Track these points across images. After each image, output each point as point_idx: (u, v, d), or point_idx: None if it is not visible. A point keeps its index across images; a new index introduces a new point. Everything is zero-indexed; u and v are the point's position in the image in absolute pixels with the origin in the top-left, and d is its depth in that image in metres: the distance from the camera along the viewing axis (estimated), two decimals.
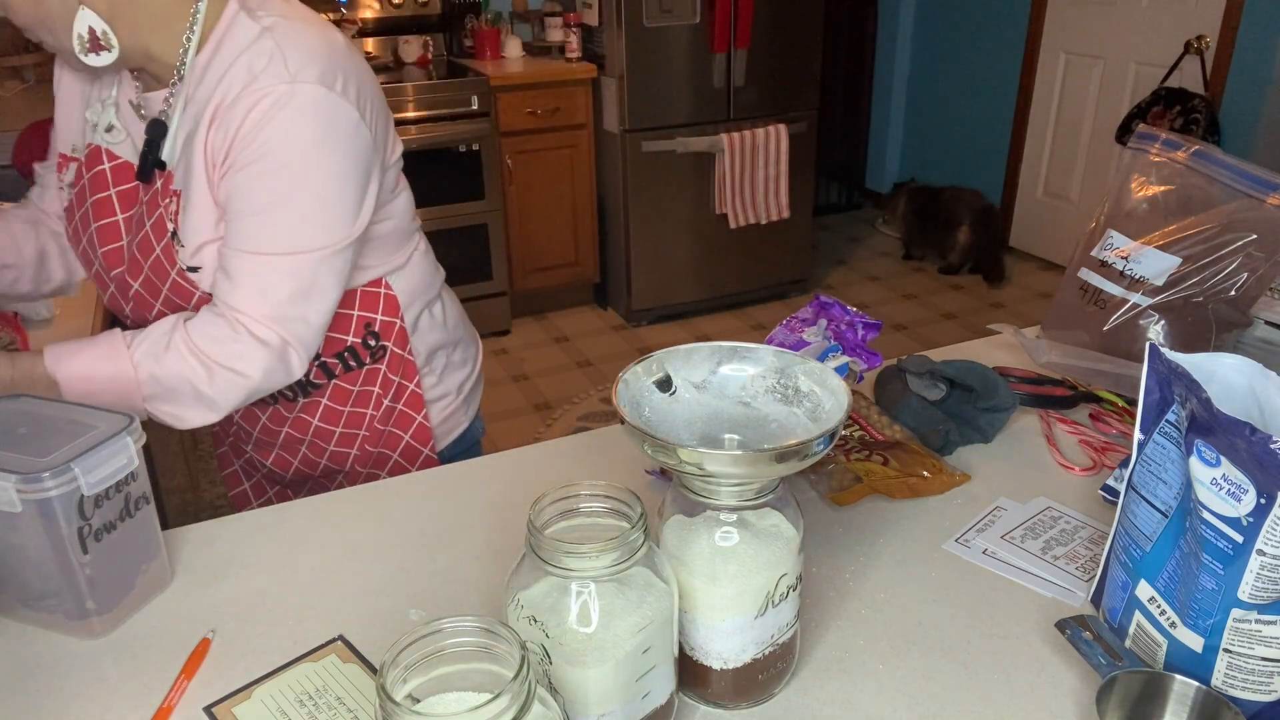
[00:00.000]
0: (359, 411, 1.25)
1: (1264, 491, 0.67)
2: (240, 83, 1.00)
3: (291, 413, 1.23)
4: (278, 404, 1.23)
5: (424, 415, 1.28)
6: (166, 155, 1.07)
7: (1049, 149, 4.41)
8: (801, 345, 1.06)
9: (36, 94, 3.30)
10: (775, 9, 3.72)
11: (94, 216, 1.12)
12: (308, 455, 1.27)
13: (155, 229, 1.08)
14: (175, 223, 1.06)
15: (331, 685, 0.80)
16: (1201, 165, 1.20)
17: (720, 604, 0.73)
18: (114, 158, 1.12)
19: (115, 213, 1.12)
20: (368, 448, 1.27)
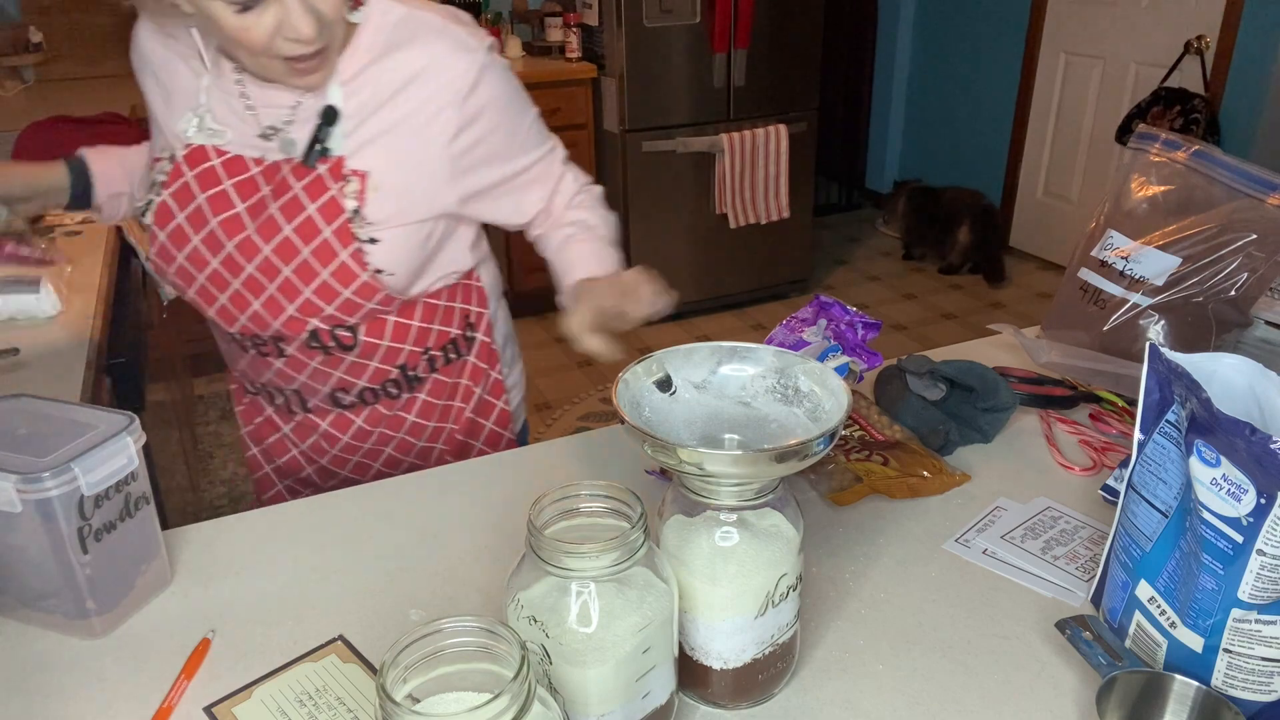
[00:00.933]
0: (451, 404, 1.28)
1: (1264, 491, 0.67)
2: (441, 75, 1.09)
3: (391, 410, 1.24)
4: (378, 403, 1.23)
5: (504, 400, 1.33)
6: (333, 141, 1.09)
7: (1049, 149, 4.41)
8: (801, 345, 1.05)
9: (36, 94, 3.30)
10: (775, 9, 3.72)
11: (211, 211, 1.11)
12: (393, 455, 1.27)
13: (324, 211, 1.09)
14: (360, 200, 1.09)
15: (331, 685, 0.80)
16: (1201, 165, 1.20)
17: (720, 604, 0.73)
18: (221, 153, 1.12)
19: (235, 204, 1.11)
20: (457, 438, 1.29)
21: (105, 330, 1.52)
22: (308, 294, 1.10)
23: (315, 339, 1.14)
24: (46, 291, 1.49)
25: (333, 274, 1.09)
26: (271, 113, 1.10)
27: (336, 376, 1.18)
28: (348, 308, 1.11)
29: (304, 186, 1.09)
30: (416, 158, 1.11)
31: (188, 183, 1.12)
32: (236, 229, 1.11)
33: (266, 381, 1.22)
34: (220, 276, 1.13)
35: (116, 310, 1.65)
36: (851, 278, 4.54)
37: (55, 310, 1.50)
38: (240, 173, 1.12)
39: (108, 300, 1.59)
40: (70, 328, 1.46)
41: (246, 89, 1.10)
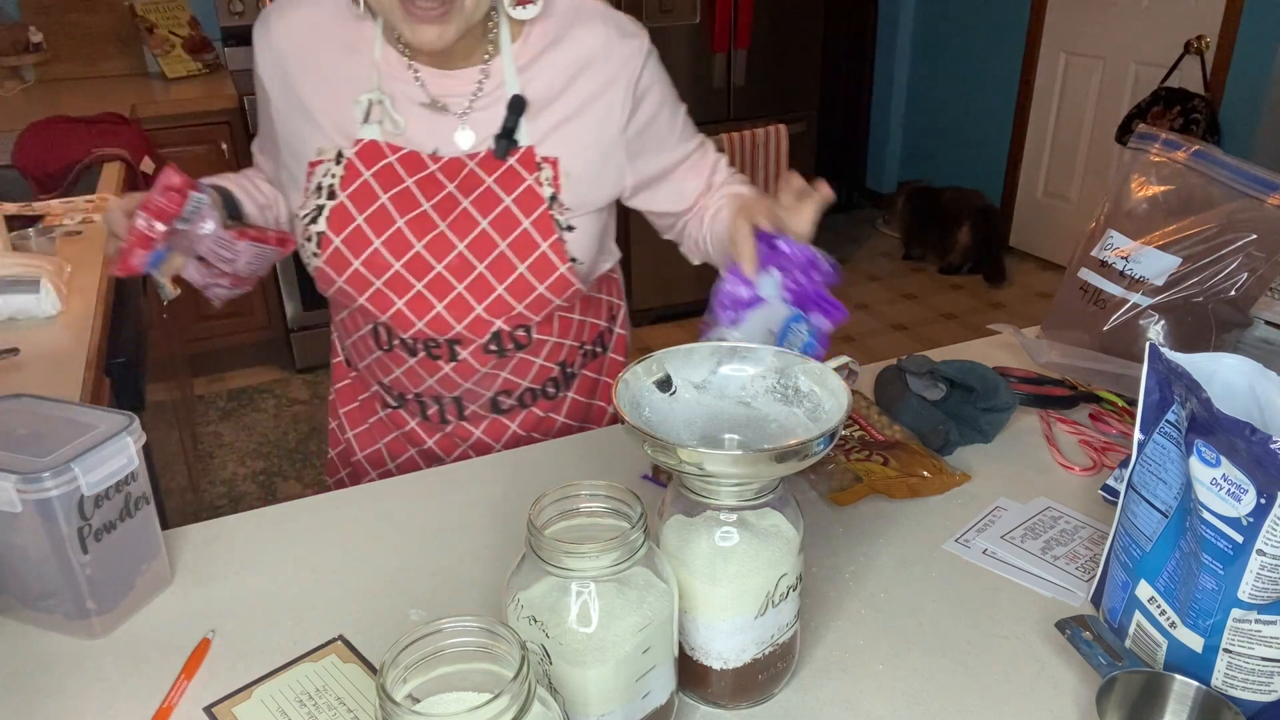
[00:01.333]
0: (593, 403, 1.29)
1: (1264, 491, 0.67)
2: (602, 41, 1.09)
3: (545, 412, 1.23)
4: (535, 404, 1.22)
5: None
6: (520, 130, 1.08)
7: (1049, 149, 4.41)
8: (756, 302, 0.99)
9: (36, 94, 3.30)
10: (775, 9, 3.72)
11: (398, 210, 1.07)
12: None
13: (521, 201, 1.08)
14: (555, 187, 1.09)
15: (331, 685, 0.80)
16: (1201, 165, 1.20)
17: (720, 604, 0.73)
18: (395, 149, 1.08)
19: (421, 202, 1.08)
20: None
21: (105, 330, 1.51)
22: (500, 291, 1.08)
23: (495, 340, 1.12)
24: (46, 291, 1.49)
25: (530, 267, 1.08)
26: (449, 100, 1.08)
27: (502, 378, 1.17)
28: (537, 304, 1.10)
29: (496, 179, 1.08)
30: (598, 142, 1.12)
31: (367, 182, 1.07)
32: (427, 228, 1.07)
33: (424, 390, 1.18)
34: (402, 280, 1.08)
35: (116, 310, 1.64)
36: (851, 278, 4.53)
37: (55, 310, 1.50)
38: (419, 169, 1.08)
39: (108, 300, 1.59)
40: (70, 328, 1.46)
41: (420, 73, 1.07)
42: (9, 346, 1.39)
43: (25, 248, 1.70)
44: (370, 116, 1.07)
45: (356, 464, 1.32)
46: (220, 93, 3.29)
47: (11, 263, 1.51)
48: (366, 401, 1.28)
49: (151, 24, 3.51)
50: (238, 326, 3.50)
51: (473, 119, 1.08)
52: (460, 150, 1.08)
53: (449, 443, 1.23)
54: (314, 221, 1.09)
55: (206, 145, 3.22)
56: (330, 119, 1.09)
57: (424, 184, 1.08)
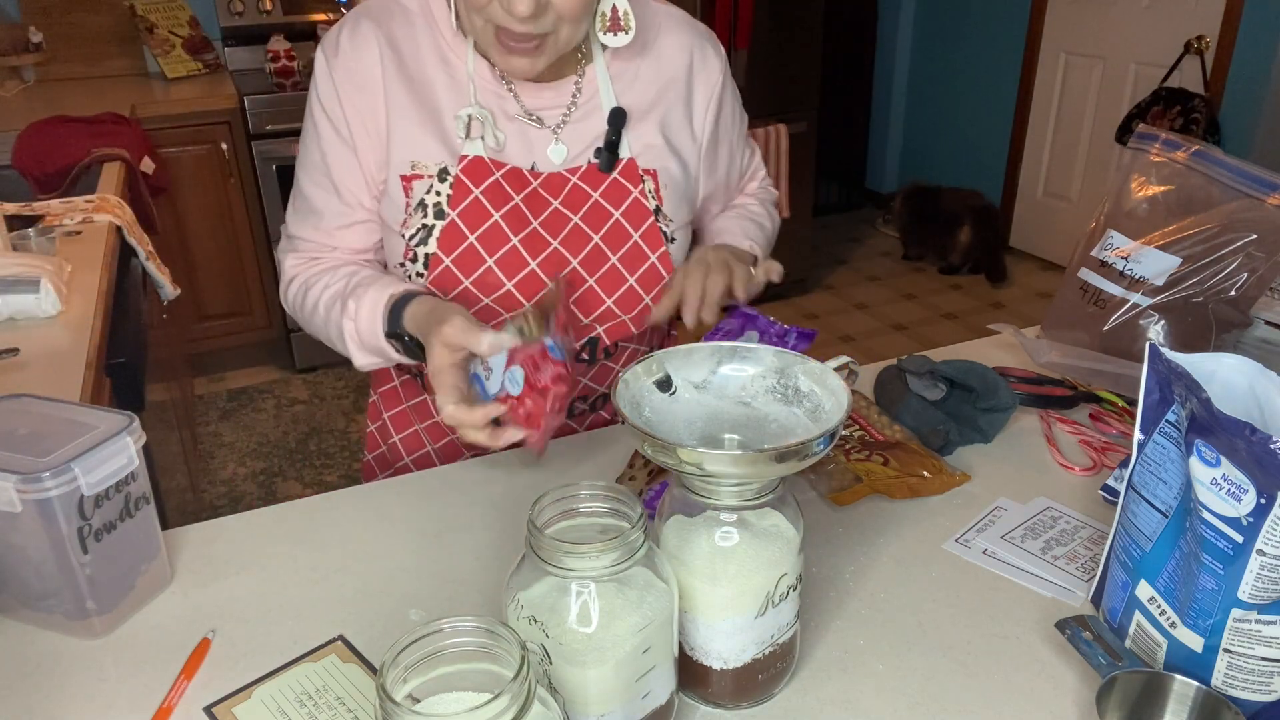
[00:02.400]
0: None
1: (1264, 491, 0.67)
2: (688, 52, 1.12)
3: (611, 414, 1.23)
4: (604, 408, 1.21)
5: None
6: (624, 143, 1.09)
7: (1049, 149, 4.41)
8: None
9: (36, 94, 3.30)
10: (775, 9, 3.72)
11: (511, 229, 1.04)
12: None
13: (630, 214, 1.08)
14: (659, 199, 1.10)
15: (331, 685, 0.80)
16: (1201, 165, 1.20)
17: (720, 604, 0.73)
18: (499, 165, 1.05)
19: (530, 219, 1.05)
20: None
21: (105, 330, 1.51)
22: (609, 303, 1.08)
23: (589, 348, 1.12)
24: (46, 291, 1.49)
25: (639, 279, 1.09)
26: (544, 114, 1.07)
27: (583, 384, 1.17)
28: (640, 317, 1.10)
29: (602, 193, 1.07)
30: (690, 154, 1.13)
31: (478, 200, 1.04)
32: (540, 246, 1.05)
33: None
34: (512, 298, 1.06)
35: (116, 310, 1.64)
36: (851, 278, 4.54)
37: (55, 310, 1.50)
38: (523, 185, 1.06)
39: (108, 300, 1.59)
40: (70, 328, 1.46)
41: (514, 86, 1.06)
42: (9, 346, 1.39)
43: (25, 248, 1.70)
44: (471, 132, 1.04)
45: (402, 469, 1.28)
46: (220, 93, 3.29)
47: (11, 263, 1.51)
48: (417, 406, 1.25)
49: (151, 24, 3.51)
50: (238, 326, 3.50)
51: (567, 131, 1.08)
52: (556, 164, 1.07)
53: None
54: (423, 243, 1.05)
55: (206, 145, 3.23)
56: (426, 132, 1.05)
57: (530, 200, 1.06)
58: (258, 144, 3.26)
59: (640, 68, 1.09)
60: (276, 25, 3.61)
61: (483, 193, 1.04)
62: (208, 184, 3.27)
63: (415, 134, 1.05)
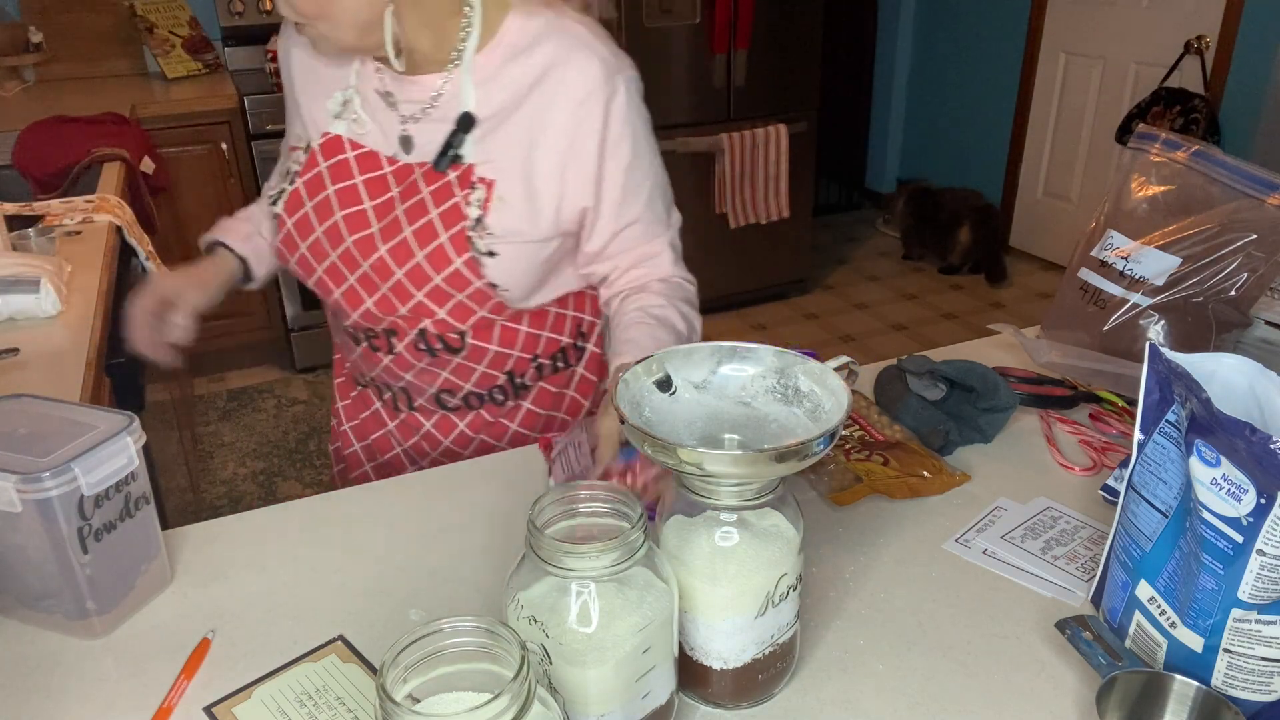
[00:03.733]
0: (556, 415, 1.26)
1: (1264, 491, 0.67)
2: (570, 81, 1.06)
3: (495, 417, 1.23)
4: (483, 407, 1.22)
5: None
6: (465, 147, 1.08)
7: (1049, 149, 4.41)
8: None
9: (36, 94, 3.30)
10: (775, 9, 3.72)
11: (339, 204, 1.11)
12: None
13: (445, 217, 1.08)
14: (484, 210, 1.08)
15: (331, 685, 0.80)
16: (1201, 165, 1.20)
17: (720, 604, 0.73)
18: (357, 146, 1.12)
19: (363, 200, 1.11)
20: None
21: (105, 330, 1.51)
22: (420, 297, 1.09)
23: (423, 340, 1.13)
24: (46, 291, 1.49)
25: (445, 280, 1.08)
26: (406, 105, 1.10)
27: (443, 377, 1.18)
28: (459, 312, 1.10)
29: (432, 191, 1.08)
30: (544, 171, 1.08)
31: (321, 173, 1.12)
32: (360, 225, 1.10)
33: (376, 376, 1.22)
34: (338, 270, 1.12)
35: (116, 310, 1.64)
36: (851, 278, 4.54)
37: (55, 310, 1.50)
38: (373, 169, 1.11)
39: (108, 300, 1.59)
40: (70, 328, 1.46)
41: (384, 77, 1.10)
42: (9, 346, 1.39)
43: (25, 248, 1.70)
44: (344, 113, 1.12)
45: (350, 456, 1.33)
46: (220, 93, 3.29)
47: (11, 263, 1.51)
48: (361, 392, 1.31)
49: (151, 24, 3.51)
50: (238, 326, 3.50)
51: (421, 127, 1.09)
52: (407, 157, 1.10)
53: (405, 429, 1.26)
54: (274, 203, 1.16)
55: (206, 145, 3.23)
56: (310, 111, 1.15)
57: (372, 184, 1.11)
58: (258, 144, 3.27)
59: (506, 76, 1.07)
60: (276, 25, 3.60)
61: (329, 167, 1.12)
62: (208, 184, 3.27)
63: (306, 109, 1.16)
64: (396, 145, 1.11)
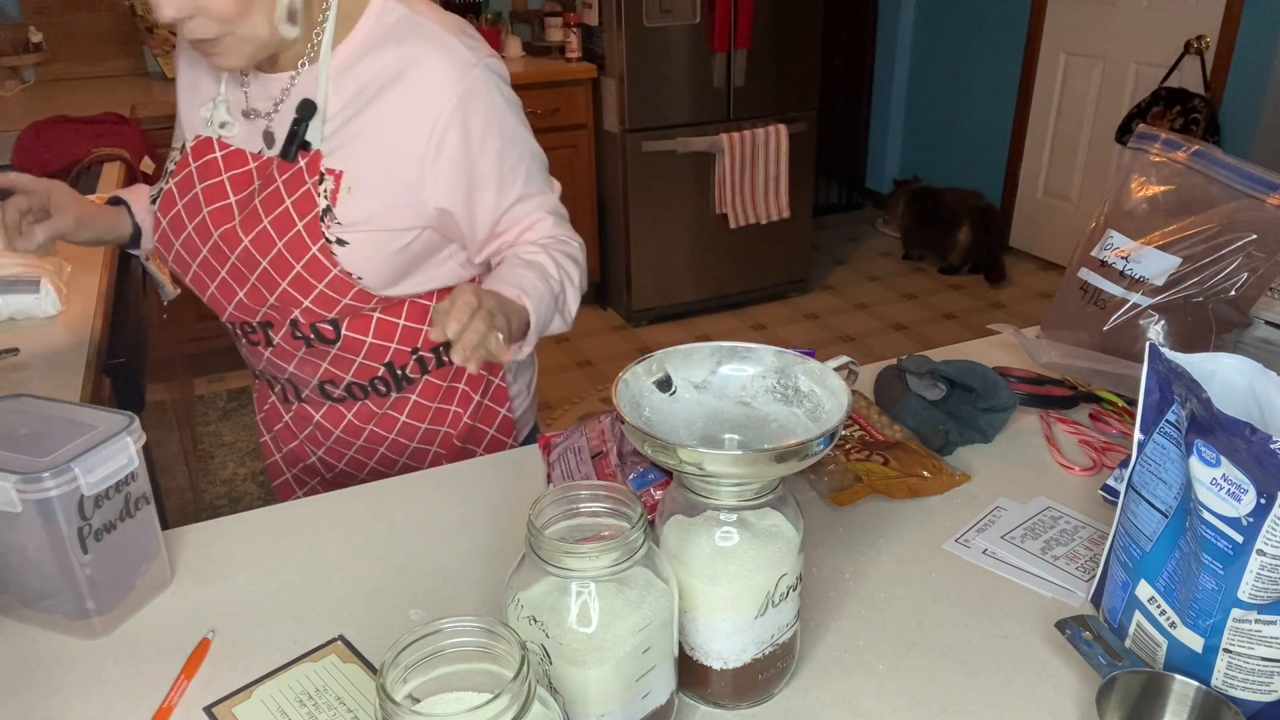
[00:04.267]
0: (446, 408, 1.27)
1: (1264, 491, 0.67)
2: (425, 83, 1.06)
3: (381, 409, 1.24)
4: (368, 399, 1.23)
5: (508, 408, 1.33)
6: (313, 136, 1.09)
7: (1049, 149, 4.41)
8: None
9: (36, 94, 3.30)
10: (775, 9, 3.72)
11: (205, 201, 1.14)
12: (387, 454, 1.27)
13: (298, 205, 1.09)
14: (332, 200, 1.09)
15: (331, 685, 0.80)
16: (1201, 165, 1.20)
17: (720, 604, 0.73)
18: (225, 146, 1.15)
19: (228, 195, 1.13)
20: (455, 443, 1.28)
21: (105, 330, 1.51)
22: (284, 286, 1.11)
23: (297, 330, 1.15)
24: (46, 291, 1.49)
25: (304, 267, 1.09)
26: (263, 102, 1.13)
27: (323, 368, 1.19)
28: (323, 302, 1.11)
29: (285, 180, 1.10)
30: (395, 165, 1.08)
31: (191, 172, 1.15)
32: (225, 219, 1.13)
33: (263, 369, 1.25)
34: (210, 265, 1.15)
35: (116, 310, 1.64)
36: (851, 278, 4.54)
37: (55, 310, 1.50)
38: (239, 166, 1.14)
39: (108, 300, 1.59)
40: (70, 328, 1.46)
41: (248, 79, 1.13)
42: (9, 346, 1.39)
43: None
44: (215, 118, 1.15)
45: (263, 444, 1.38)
46: None
47: (11, 263, 1.51)
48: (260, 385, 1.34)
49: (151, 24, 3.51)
50: None
51: (278, 119, 1.11)
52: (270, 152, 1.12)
53: (299, 422, 1.28)
54: (154, 202, 1.20)
55: None
56: (187, 115, 1.20)
57: (236, 180, 1.13)
58: None
59: (362, 69, 1.08)
60: None
61: (198, 167, 1.15)
62: None
63: (185, 114, 1.20)
64: (261, 142, 1.13)
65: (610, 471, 0.94)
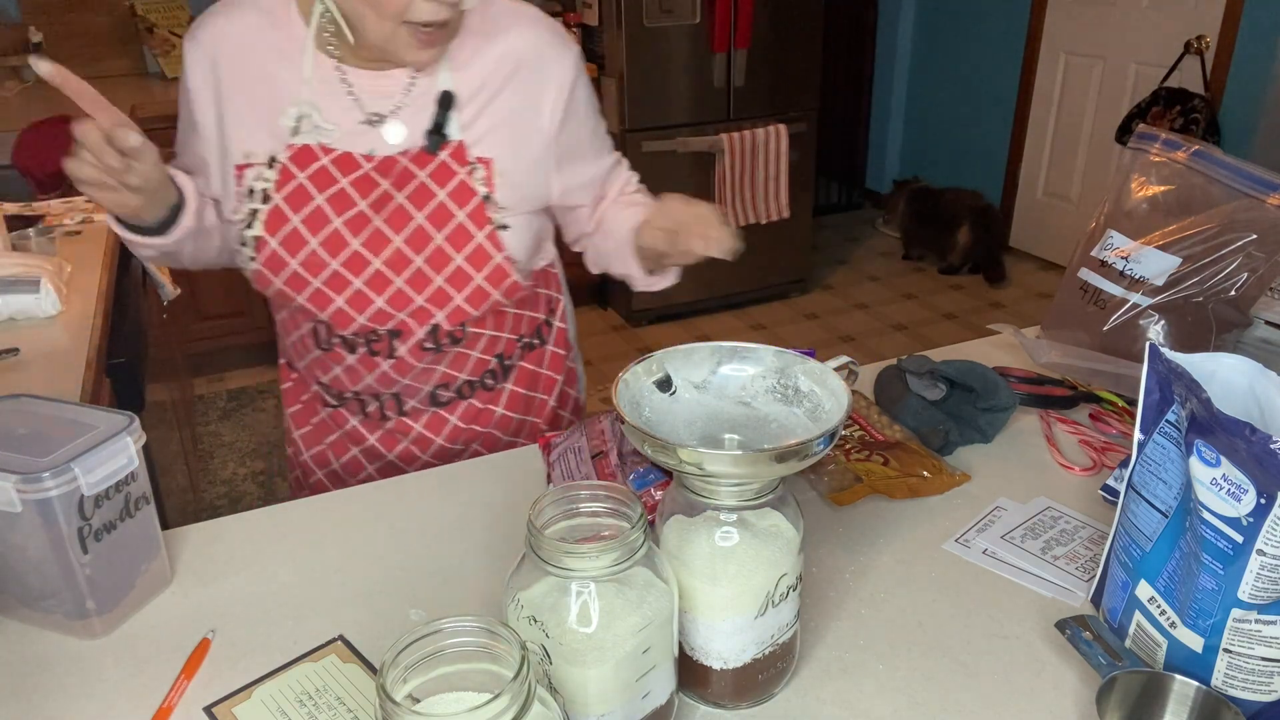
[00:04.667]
0: (534, 395, 1.29)
1: (1264, 491, 0.67)
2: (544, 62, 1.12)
3: (484, 404, 1.24)
4: (474, 396, 1.23)
5: (578, 389, 1.37)
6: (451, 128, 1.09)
7: (1049, 149, 4.41)
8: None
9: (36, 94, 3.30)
10: (775, 9, 3.72)
11: (334, 211, 1.09)
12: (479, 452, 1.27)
13: (455, 196, 1.09)
14: (489, 187, 1.10)
15: (331, 685, 0.80)
16: (1201, 165, 1.20)
17: (720, 604, 0.73)
18: (328, 151, 1.09)
19: (355, 201, 1.09)
20: (542, 430, 1.30)
21: (105, 330, 1.52)
22: (439, 282, 1.10)
23: (432, 336, 1.14)
24: (46, 291, 1.49)
25: (468, 258, 1.10)
26: (379, 101, 1.09)
27: (440, 371, 1.19)
28: (475, 297, 1.12)
29: (430, 174, 1.09)
30: (531, 146, 1.13)
31: (301, 185, 1.08)
32: (362, 225, 1.09)
33: (363, 388, 1.19)
34: (340, 278, 1.10)
35: (116, 310, 1.65)
36: (851, 278, 4.54)
37: (55, 310, 1.50)
38: (352, 169, 1.09)
39: (108, 300, 1.59)
40: (70, 328, 1.46)
41: (348, 77, 1.08)
42: (9, 346, 1.39)
43: (25, 248, 1.70)
44: (301, 127, 1.08)
45: (304, 464, 1.33)
46: None
47: (11, 263, 1.52)
48: (309, 402, 1.30)
49: (151, 24, 3.51)
50: (238, 326, 3.50)
51: (404, 116, 1.09)
52: (392, 148, 1.10)
53: (390, 439, 1.25)
54: (249, 226, 1.10)
55: None
56: (260, 123, 1.09)
57: (359, 183, 1.10)
58: None
59: (481, 57, 1.09)
60: None
61: (308, 177, 1.09)
62: None
63: (249, 127, 1.09)
64: (372, 142, 1.09)
65: (610, 471, 0.94)
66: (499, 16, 1.11)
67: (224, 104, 1.09)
